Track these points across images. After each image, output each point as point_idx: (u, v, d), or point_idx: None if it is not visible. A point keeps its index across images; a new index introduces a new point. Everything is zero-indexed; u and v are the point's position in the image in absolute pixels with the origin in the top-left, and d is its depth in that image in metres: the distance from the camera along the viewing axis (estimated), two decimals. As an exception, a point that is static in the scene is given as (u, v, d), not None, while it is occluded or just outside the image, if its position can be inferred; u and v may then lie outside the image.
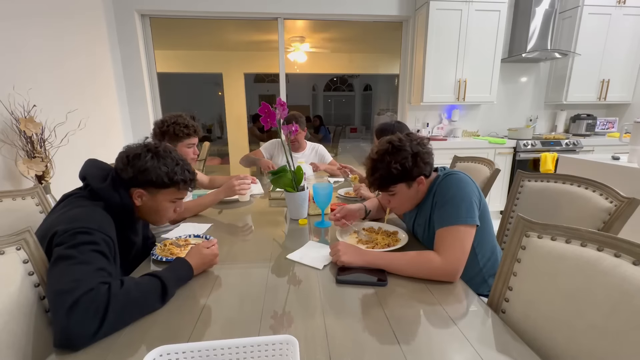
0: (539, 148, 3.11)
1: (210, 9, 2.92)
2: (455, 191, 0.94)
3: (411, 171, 0.97)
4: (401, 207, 1.10)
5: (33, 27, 1.97)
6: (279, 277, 0.88)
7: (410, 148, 0.97)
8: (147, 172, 0.89)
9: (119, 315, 0.66)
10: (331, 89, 11.07)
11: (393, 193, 1.02)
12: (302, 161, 2.08)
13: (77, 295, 0.62)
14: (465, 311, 0.73)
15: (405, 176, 0.98)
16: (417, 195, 1.04)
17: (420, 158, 0.98)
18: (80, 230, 0.73)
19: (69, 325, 0.60)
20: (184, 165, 0.96)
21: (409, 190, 1.01)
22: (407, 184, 1.00)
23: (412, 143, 0.99)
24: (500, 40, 3.06)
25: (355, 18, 3.20)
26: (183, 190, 0.96)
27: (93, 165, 0.93)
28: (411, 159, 0.96)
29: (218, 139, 8.69)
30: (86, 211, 0.80)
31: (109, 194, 0.86)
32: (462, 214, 0.90)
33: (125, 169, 0.89)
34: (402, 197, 1.03)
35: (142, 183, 0.90)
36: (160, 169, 0.90)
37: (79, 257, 0.69)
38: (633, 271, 0.56)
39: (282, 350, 0.52)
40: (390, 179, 0.99)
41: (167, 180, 0.91)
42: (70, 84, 2.27)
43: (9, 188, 1.70)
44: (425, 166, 0.99)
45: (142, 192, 0.91)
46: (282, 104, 1.20)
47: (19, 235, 0.71)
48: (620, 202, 1.01)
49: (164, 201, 0.94)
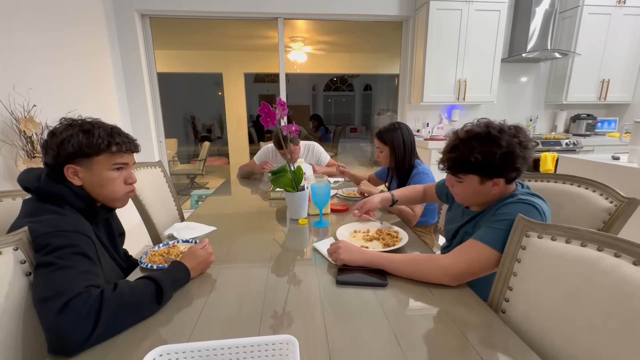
0: (539, 148, 3.10)
1: (210, 9, 2.92)
2: (514, 217, 0.79)
3: (492, 168, 0.85)
4: (464, 198, 0.98)
5: (33, 27, 1.97)
6: (279, 277, 0.88)
7: (507, 144, 0.83)
8: (66, 142, 0.79)
9: (112, 320, 0.63)
10: (331, 89, 11.06)
11: (461, 181, 0.92)
12: (302, 161, 2.08)
13: (65, 299, 0.60)
14: (465, 311, 0.73)
15: (483, 171, 0.86)
16: (485, 195, 0.92)
17: (511, 159, 0.84)
18: (56, 233, 0.70)
19: (60, 329, 0.58)
20: (111, 128, 0.86)
21: (479, 186, 0.89)
22: (480, 178, 0.88)
23: (513, 140, 0.84)
24: (500, 40, 3.06)
25: (355, 18, 3.20)
26: (121, 152, 0.86)
27: (24, 173, 0.86)
28: (500, 157, 0.84)
29: (218, 139, 8.70)
30: (57, 214, 0.76)
31: (50, 187, 0.80)
32: (497, 239, 0.81)
33: (47, 152, 0.81)
34: (468, 189, 0.92)
35: (68, 157, 0.80)
36: (78, 135, 0.80)
37: (58, 263, 0.66)
38: (633, 271, 0.56)
39: (282, 350, 0.52)
40: (466, 166, 0.88)
41: (93, 145, 0.81)
42: (70, 84, 2.27)
43: (9, 188, 1.70)
44: (511, 171, 0.86)
45: (74, 168, 0.81)
46: (282, 104, 1.20)
47: (17, 235, 0.70)
48: (620, 202, 1.01)
49: (103, 170, 0.84)
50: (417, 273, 0.85)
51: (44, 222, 0.73)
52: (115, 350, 0.61)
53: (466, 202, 1.00)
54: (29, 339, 0.69)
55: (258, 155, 2.37)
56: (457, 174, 0.92)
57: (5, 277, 0.67)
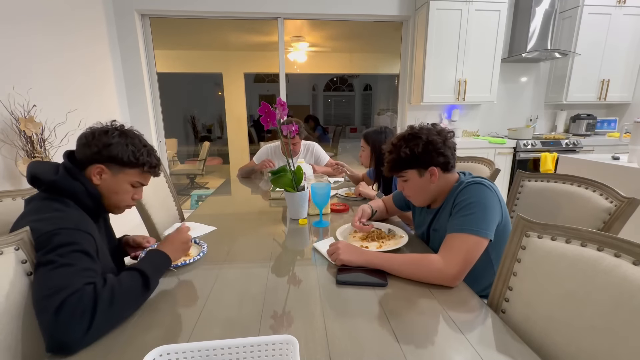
0: (539, 148, 3.11)
1: (210, 9, 2.92)
2: (475, 200, 0.90)
3: (420, 158, 0.98)
4: (415, 197, 1.08)
5: (33, 27, 1.97)
6: (279, 277, 0.88)
7: (427, 137, 0.97)
8: (113, 147, 0.85)
9: (107, 314, 0.64)
10: (331, 89, 11.06)
11: (405, 179, 1.04)
12: (302, 161, 2.08)
13: (61, 299, 0.61)
14: (465, 311, 0.73)
15: (414, 162, 0.99)
16: (430, 188, 1.02)
17: (433, 147, 0.97)
18: (57, 231, 0.71)
19: (56, 329, 0.59)
20: (151, 150, 0.93)
21: (420, 179, 1.01)
22: (417, 171, 1.00)
23: (431, 132, 0.99)
24: (500, 40, 3.06)
25: (355, 18, 3.20)
26: (146, 174, 0.93)
27: (36, 166, 0.85)
28: (422, 147, 0.97)
29: (218, 139, 8.70)
30: (59, 212, 0.77)
31: (67, 183, 0.81)
32: (477, 224, 0.87)
33: (88, 144, 0.85)
34: (414, 185, 1.04)
35: (105, 158, 0.85)
36: (127, 146, 0.86)
37: (58, 261, 0.66)
38: (633, 271, 0.56)
39: (282, 350, 0.52)
40: (400, 163, 1.01)
41: (133, 159, 0.87)
42: (70, 84, 2.27)
43: (9, 188, 1.70)
44: (437, 156, 0.98)
45: (102, 168, 0.86)
46: (282, 104, 1.20)
47: (18, 235, 0.70)
48: (620, 202, 1.01)
49: (125, 182, 0.89)
50: (416, 274, 0.85)
51: (47, 220, 0.73)
52: (116, 350, 0.61)
53: (419, 200, 1.09)
54: (29, 339, 0.69)
55: (258, 156, 2.37)
56: (398, 173, 1.04)
57: (6, 277, 0.67)
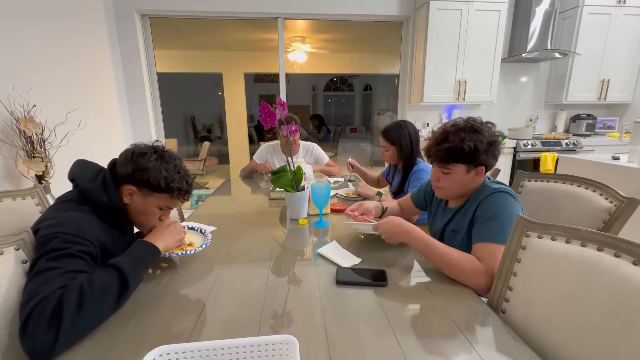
0: (539, 148, 3.11)
1: (210, 9, 2.92)
2: (504, 208, 0.91)
3: (480, 155, 0.95)
4: (447, 190, 1.04)
5: (33, 27, 1.97)
6: (279, 277, 0.88)
7: (488, 134, 0.96)
8: (147, 172, 0.87)
9: (77, 319, 0.61)
10: (331, 89, 11.05)
11: (449, 172, 0.99)
12: (302, 161, 2.08)
13: (29, 308, 0.60)
14: (465, 311, 0.73)
15: (472, 158, 0.96)
16: (467, 185, 1.00)
17: (493, 148, 0.96)
18: (55, 235, 0.71)
19: (24, 341, 0.58)
20: (184, 175, 0.94)
21: (465, 176, 0.98)
22: (467, 167, 0.97)
23: (490, 132, 0.97)
24: (500, 40, 3.06)
25: (355, 18, 3.20)
26: (176, 199, 0.94)
27: (81, 165, 0.91)
28: (486, 145, 0.95)
29: (218, 139, 8.69)
30: (67, 216, 0.77)
31: (97, 194, 0.84)
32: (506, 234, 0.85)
33: (126, 163, 0.88)
34: (454, 180, 1.00)
35: (138, 181, 0.87)
36: (161, 172, 0.88)
37: (44, 265, 0.66)
38: (633, 271, 0.56)
39: (282, 350, 0.52)
40: (458, 154, 0.96)
41: (164, 185, 0.88)
42: (70, 84, 2.27)
43: (9, 188, 1.70)
44: (492, 159, 0.97)
45: (134, 190, 0.88)
46: (282, 104, 1.20)
47: (18, 235, 0.70)
48: (620, 202, 1.01)
49: (154, 206, 0.92)
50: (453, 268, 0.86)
51: (51, 222, 0.74)
52: (116, 350, 0.61)
53: (450, 194, 1.06)
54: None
55: (258, 154, 2.38)
56: (447, 164, 0.99)
57: (6, 277, 0.67)
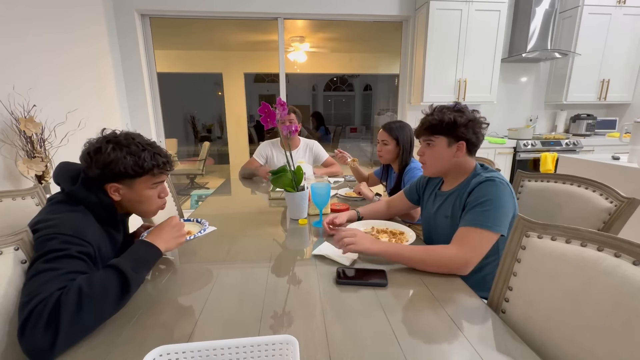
0: (539, 148, 3.11)
1: (210, 9, 2.92)
2: (491, 197, 0.94)
3: (460, 128, 1.02)
4: (430, 165, 1.12)
5: (33, 27, 1.97)
6: (279, 277, 0.88)
7: (472, 114, 1.04)
8: (113, 164, 0.82)
9: (75, 321, 0.61)
10: (331, 89, 11.04)
11: (432, 143, 1.08)
12: (302, 161, 2.08)
13: (28, 309, 0.59)
14: (465, 311, 0.73)
15: (452, 130, 1.03)
16: (450, 160, 1.07)
17: (473, 124, 1.03)
18: (53, 236, 0.70)
19: (23, 342, 0.58)
20: (152, 149, 0.88)
21: (446, 149, 1.05)
22: (448, 140, 1.04)
23: (473, 113, 1.06)
24: (500, 40, 3.06)
25: (355, 18, 3.20)
26: (159, 175, 0.90)
27: (63, 168, 0.88)
28: (465, 119, 1.02)
29: (218, 139, 8.69)
30: (64, 217, 0.76)
31: (82, 194, 0.82)
32: (493, 220, 0.90)
33: (90, 166, 0.83)
34: (437, 153, 1.07)
35: (113, 177, 0.84)
36: (126, 158, 0.83)
37: (43, 266, 0.65)
38: (633, 271, 0.56)
39: (282, 350, 0.52)
40: (437, 126, 1.04)
41: (138, 169, 0.84)
42: (70, 84, 2.27)
43: (9, 188, 1.70)
44: (472, 135, 1.03)
45: (117, 186, 0.85)
46: (282, 104, 1.20)
47: (17, 235, 0.70)
48: (620, 202, 1.01)
49: (144, 189, 0.88)
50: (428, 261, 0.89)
51: (48, 222, 0.73)
52: (116, 350, 0.61)
53: (433, 169, 1.13)
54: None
55: (258, 151, 2.38)
56: (430, 136, 1.07)
57: (5, 277, 0.67)
